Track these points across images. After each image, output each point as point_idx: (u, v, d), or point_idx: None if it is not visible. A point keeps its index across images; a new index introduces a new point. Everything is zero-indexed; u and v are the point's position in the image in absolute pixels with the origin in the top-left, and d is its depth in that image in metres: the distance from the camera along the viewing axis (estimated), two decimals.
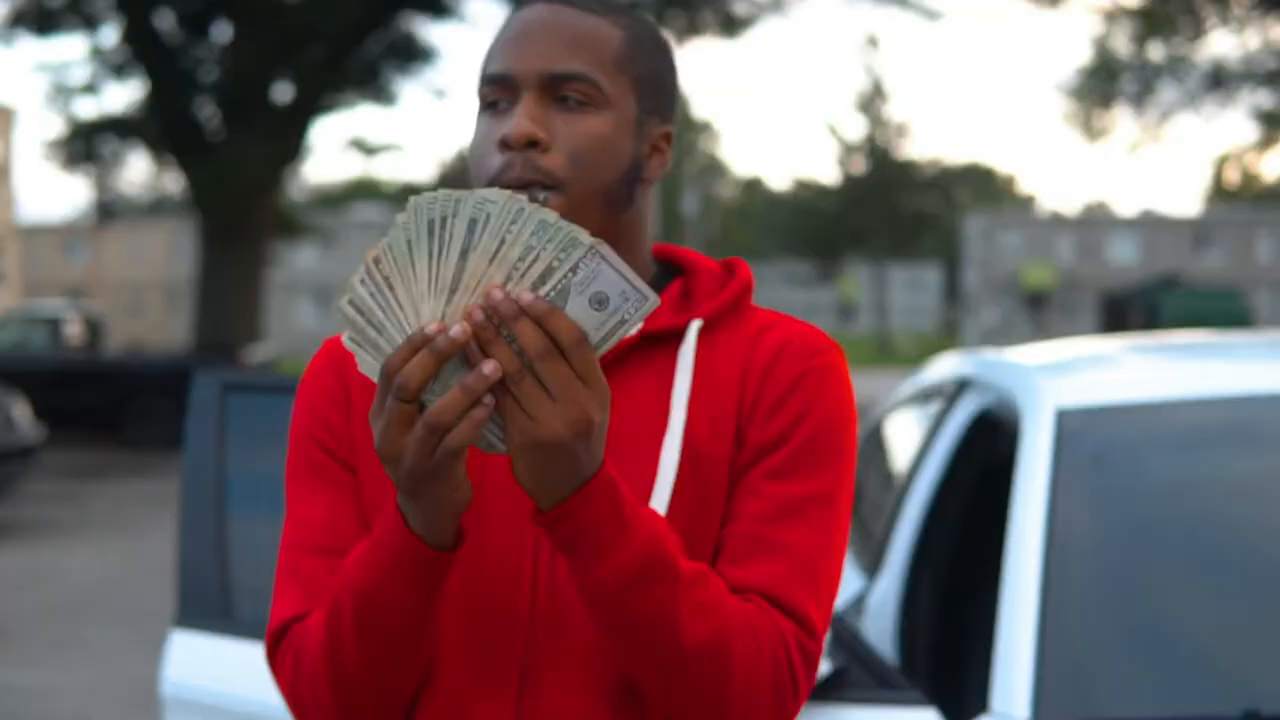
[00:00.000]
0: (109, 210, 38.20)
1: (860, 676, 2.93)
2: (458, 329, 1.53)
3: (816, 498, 1.78)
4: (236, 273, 24.90)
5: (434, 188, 1.63)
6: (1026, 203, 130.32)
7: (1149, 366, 3.86)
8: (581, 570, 1.63)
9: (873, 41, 77.62)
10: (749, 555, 1.75)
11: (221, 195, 24.56)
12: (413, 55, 29.29)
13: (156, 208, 42.64)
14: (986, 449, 3.98)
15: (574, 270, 1.54)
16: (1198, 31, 33.42)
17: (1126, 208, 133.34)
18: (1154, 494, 3.22)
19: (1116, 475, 3.21)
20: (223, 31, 26.69)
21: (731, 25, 30.81)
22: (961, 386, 4.15)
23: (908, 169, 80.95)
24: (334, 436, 1.88)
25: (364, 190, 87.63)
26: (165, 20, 26.43)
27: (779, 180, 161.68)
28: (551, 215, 1.54)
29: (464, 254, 1.54)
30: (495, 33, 1.87)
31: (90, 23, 27.05)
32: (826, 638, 2.83)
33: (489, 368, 1.52)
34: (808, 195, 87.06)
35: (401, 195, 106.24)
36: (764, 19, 31.08)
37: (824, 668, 2.87)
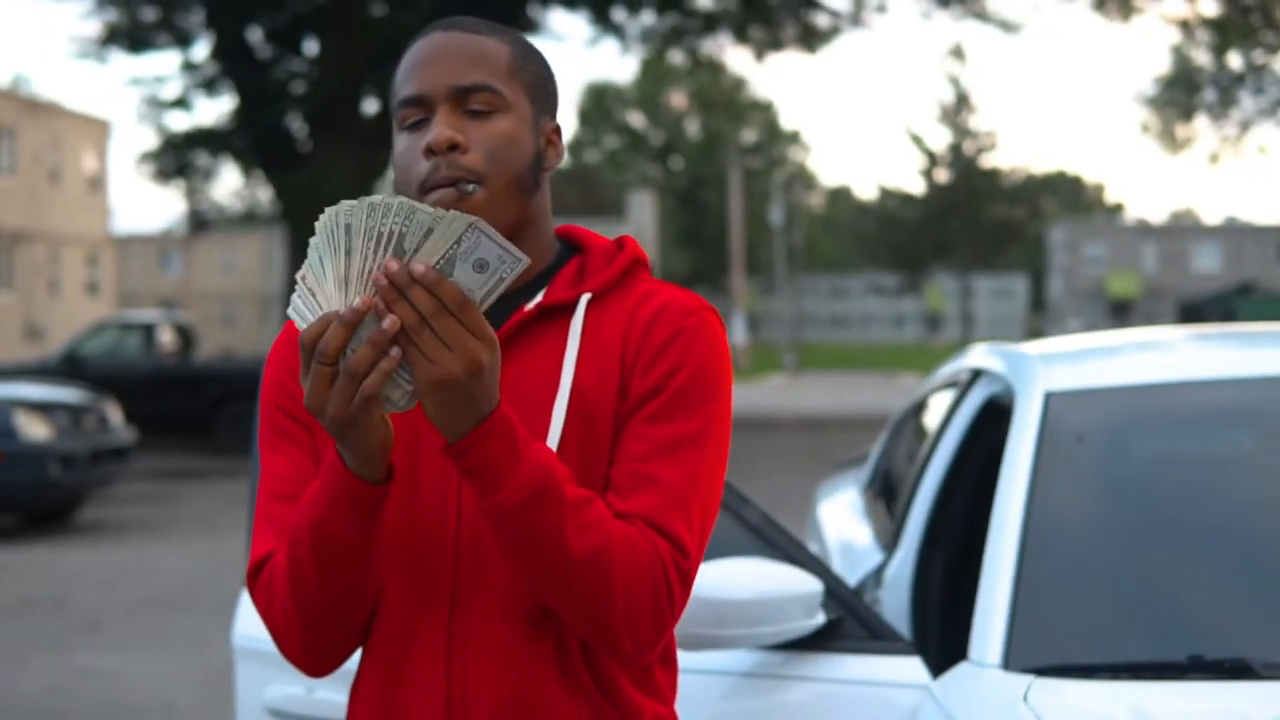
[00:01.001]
0: (202, 221, 38.71)
1: (853, 628, 3.24)
2: (357, 300, 1.85)
3: (688, 438, 2.07)
4: None
5: None
6: (1115, 211, 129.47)
7: (1141, 353, 4.16)
8: (483, 494, 1.93)
9: (958, 52, 77.46)
10: (631, 489, 2.05)
11: (309, 207, 24.97)
12: None
13: (249, 219, 43.31)
14: (993, 433, 4.28)
15: (458, 243, 1.86)
16: (1279, 42, 33.32)
17: (1214, 215, 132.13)
18: (1125, 467, 3.53)
19: (1095, 450, 3.51)
20: (312, 46, 27.15)
21: (811, 39, 30.98)
22: (975, 375, 4.45)
23: (993, 178, 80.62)
24: (294, 402, 2.19)
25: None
26: (254, 35, 26.95)
27: (866, 190, 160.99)
28: (430, 209, 1.87)
29: (349, 253, 1.87)
30: (403, 62, 2.16)
31: (182, 39, 27.57)
32: (820, 590, 3.16)
33: (387, 322, 1.83)
34: (893, 204, 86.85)
35: None
36: (844, 32, 31.16)
37: (819, 620, 3.18)
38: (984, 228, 79.85)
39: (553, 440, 2.07)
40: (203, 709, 8.23)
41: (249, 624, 3.65)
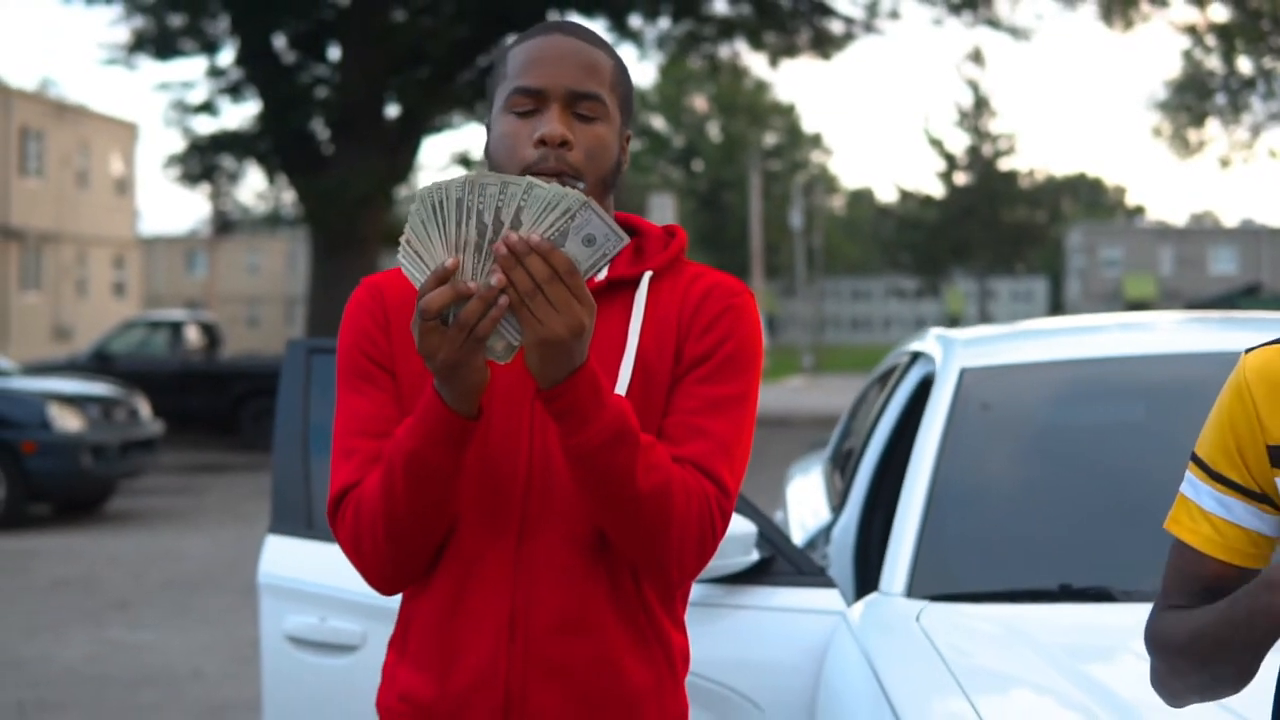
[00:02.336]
0: (227, 223, 39.19)
1: (782, 565, 3.81)
2: (489, 274, 2.09)
3: (732, 398, 2.36)
4: (348, 284, 25.59)
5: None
6: (1136, 213, 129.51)
7: (1053, 336, 4.72)
8: (569, 433, 2.18)
9: (976, 56, 77.62)
10: (684, 438, 2.32)
11: (332, 210, 25.42)
12: None
13: (273, 221, 43.67)
14: (925, 406, 4.85)
15: (572, 218, 2.10)
16: None
17: (1234, 218, 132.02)
18: (1022, 431, 4.11)
19: (997, 417, 4.10)
20: (335, 52, 27.65)
21: (825, 45, 31.33)
22: (915, 357, 5.02)
23: (1012, 181, 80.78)
24: (377, 349, 2.42)
25: None
26: (279, 41, 27.47)
27: (887, 192, 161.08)
28: (554, 186, 2.10)
29: (458, 222, 2.10)
30: (519, 51, 2.39)
31: (208, 45, 28.09)
32: (755, 531, 3.72)
33: (495, 279, 2.07)
34: (912, 207, 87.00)
35: None
36: (858, 39, 31.54)
37: (753, 557, 3.75)
38: (1002, 230, 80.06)
39: (619, 393, 2.33)
40: (230, 677, 8.80)
41: (272, 563, 4.23)
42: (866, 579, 4.59)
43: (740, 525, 3.70)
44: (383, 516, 2.29)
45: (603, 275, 2.40)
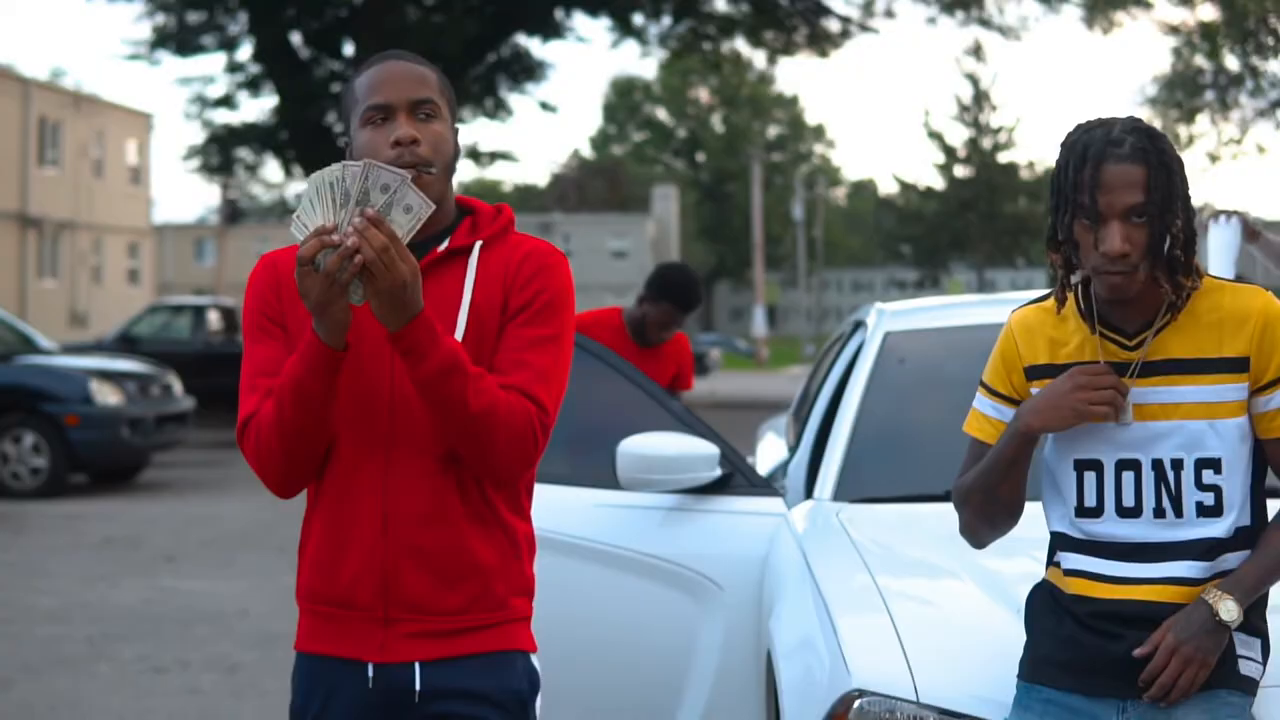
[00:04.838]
0: (237, 212, 40.00)
1: (739, 480, 4.94)
2: (336, 236, 2.64)
3: (549, 338, 2.89)
4: None
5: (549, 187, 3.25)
6: None
7: (963, 308, 5.82)
8: (412, 367, 2.72)
9: (977, 50, 77.75)
10: (509, 369, 2.84)
11: None
12: (526, 72, 31.22)
13: (282, 210, 44.59)
14: None
15: (395, 194, 2.66)
16: (1274, 44, 34.28)
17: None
18: (928, 379, 5.22)
19: (910, 368, 5.21)
20: (350, 48, 28.61)
21: (822, 43, 32.13)
22: (857, 325, 6.12)
23: (1012, 173, 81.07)
24: (272, 309, 2.94)
25: (485, 194, 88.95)
26: (295, 38, 28.44)
27: (889, 184, 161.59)
28: (380, 167, 2.67)
29: (332, 199, 2.66)
30: (364, 79, 2.90)
31: (227, 42, 29.06)
32: (717, 453, 4.83)
33: (350, 241, 2.60)
34: (913, 199, 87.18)
35: (514, 196, 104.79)
36: (854, 37, 32.33)
37: (716, 473, 4.86)
38: (1002, 223, 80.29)
39: (457, 338, 2.86)
40: (274, 614, 9.87)
41: None
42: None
43: (706, 448, 4.82)
44: (275, 433, 2.82)
45: (444, 246, 2.92)
